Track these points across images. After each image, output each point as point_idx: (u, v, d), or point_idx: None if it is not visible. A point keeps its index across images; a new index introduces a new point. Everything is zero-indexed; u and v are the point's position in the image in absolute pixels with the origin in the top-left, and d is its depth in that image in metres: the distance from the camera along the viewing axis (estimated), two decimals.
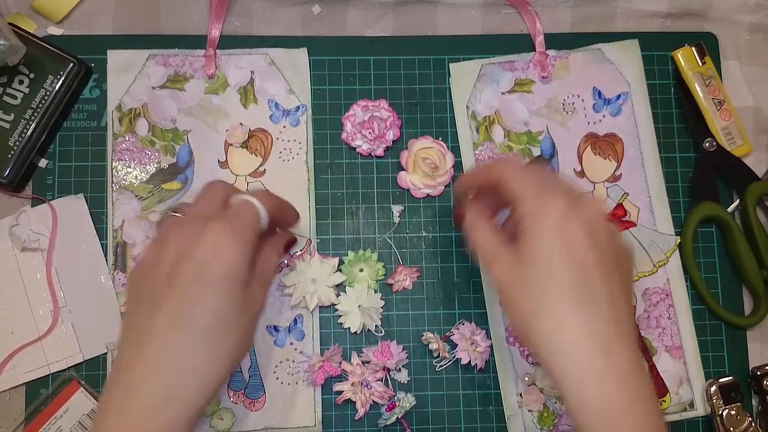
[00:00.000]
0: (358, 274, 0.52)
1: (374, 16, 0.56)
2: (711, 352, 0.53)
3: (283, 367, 0.51)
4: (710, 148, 0.55)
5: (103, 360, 0.50)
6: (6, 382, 0.49)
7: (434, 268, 0.53)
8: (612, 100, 0.55)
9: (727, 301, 0.54)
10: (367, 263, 0.52)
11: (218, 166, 0.53)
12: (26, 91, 0.51)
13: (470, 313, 0.53)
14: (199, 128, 0.53)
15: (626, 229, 0.54)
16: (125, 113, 0.53)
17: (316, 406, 0.51)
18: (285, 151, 0.54)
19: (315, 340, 0.51)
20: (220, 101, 0.54)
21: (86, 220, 0.52)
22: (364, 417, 0.51)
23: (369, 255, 0.52)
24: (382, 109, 0.54)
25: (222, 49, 0.54)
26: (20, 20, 0.53)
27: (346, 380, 0.51)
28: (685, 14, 0.57)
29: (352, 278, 0.52)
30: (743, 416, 0.51)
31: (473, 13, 0.56)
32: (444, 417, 0.52)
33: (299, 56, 0.54)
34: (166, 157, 0.53)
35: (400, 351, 0.51)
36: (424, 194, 0.54)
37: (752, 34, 0.57)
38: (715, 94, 0.55)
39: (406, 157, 0.53)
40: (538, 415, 0.51)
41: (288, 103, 0.54)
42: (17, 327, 0.50)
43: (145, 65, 0.53)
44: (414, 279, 0.53)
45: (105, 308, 0.51)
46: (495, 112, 0.55)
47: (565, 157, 0.55)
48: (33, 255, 0.51)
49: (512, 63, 0.55)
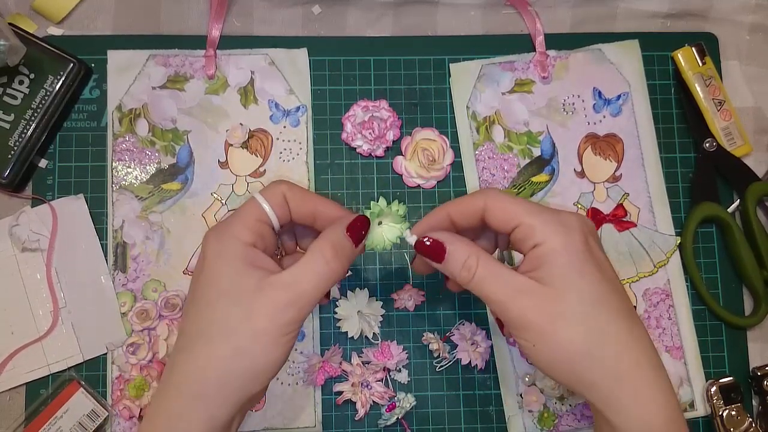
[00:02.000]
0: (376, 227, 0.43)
1: (374, 16, 0.56)
2: (711, 353, 0.53)
3: (284, 369, 0.51)
4: (710, 148, 0.55)
5: (103, 360, 0.50)
6: (6, 382, 0.49)
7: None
8: (612, 101, 0.55)
9: (728, 302, 0.54)
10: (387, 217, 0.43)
11: (218, 166, 0.53)
12: (26, 92, 0.51)
13: (470, 313, 0.53)
14: (200, 128, 0.53)
15: (626, 230, 0.54)
16: (125, 113, 0.53)
17: (316, 407, 0.51)
18: (285, 151, 0.54)
19: (315, 341, 0.51)
20: (221, 101, 0.54)
21: (86, 220, 0.52)
22: (364, 417, 0.51)
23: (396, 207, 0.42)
24: (382, 109, 0.54)
25: (222, 50, 0.54)
26: (20, 20, 0.53)
27: (347, 381, 0.51)
28: (685, 14, 0.57)
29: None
30: (743, 417, 0.51)
31: (473, 13, 0.56)
32: (444, 417, 0.52)
33: (299, 56, 0.54)
34: (166, 158, 0.53)
35: (400, 351, 0.51)
36: (415, 184, 0.54)
37: (752, 34, 0.57)
38: (715, 94, 0.55)
39: (407, 143, 0.54)
40: (538, 416, 0.51)
41: (288, 104, 0.54)
42: (17, 327, 0.50)
43: (146, 65, 0.53)
44: (418, 302, 0.52)
45: (105, 308, 0.51)
46: (495, 112, 0.55)
47: (565, 158, 0.55)
48: (33, 255, 0.51)
49: (512, 63, 0.55)
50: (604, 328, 0.36)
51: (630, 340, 0.36)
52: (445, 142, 0.54)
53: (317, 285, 0.36)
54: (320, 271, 0.37)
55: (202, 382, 0.35)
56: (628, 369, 0.36)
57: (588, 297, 0.36)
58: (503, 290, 0.37)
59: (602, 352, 0.36)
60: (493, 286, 0.37)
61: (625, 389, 0.36)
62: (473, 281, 0.38)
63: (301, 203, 0.40)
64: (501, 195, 0.39)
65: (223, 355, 0.35)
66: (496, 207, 0.39)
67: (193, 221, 0.52)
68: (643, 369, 0.36)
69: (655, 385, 0.36)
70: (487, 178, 0.54)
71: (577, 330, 0.36)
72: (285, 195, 0.40)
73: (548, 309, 0.36)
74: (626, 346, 0.36)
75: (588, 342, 0.36)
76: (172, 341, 0.50)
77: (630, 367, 0.36)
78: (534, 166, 0.54)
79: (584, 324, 0.36)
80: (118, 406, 0.49)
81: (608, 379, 0.36)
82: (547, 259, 0.36)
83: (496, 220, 0.39)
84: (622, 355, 0.36)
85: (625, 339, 0.36)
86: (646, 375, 0.36)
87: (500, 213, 0.38)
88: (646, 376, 0.36)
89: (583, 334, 0.36)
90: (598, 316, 0.36)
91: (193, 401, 0.35)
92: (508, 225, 0.38)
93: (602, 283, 0.36)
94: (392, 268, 0.53)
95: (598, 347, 0.36)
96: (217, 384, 0.35)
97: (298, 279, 0.36)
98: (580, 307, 0.36)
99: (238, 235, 0.37)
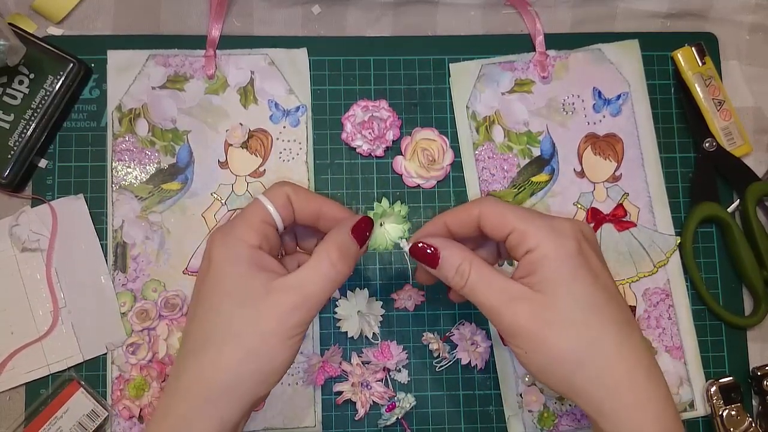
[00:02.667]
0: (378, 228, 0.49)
1: (374, 16, 0.56)
2: (711, 353, 0.53)
3: None
4: (710, 148, 0.55)
5: (103, 360, 0.50)
6: (6, 382, 0.49)
7: None
8: (612, 100, 0.55)
9: (727, 302, 0.54)
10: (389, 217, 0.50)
11: (218, 166, 0.53)
12: (26, 92, 0.51)
13: (470, 313, 0.53)
14: (199, 128, 0.53)
15: (626, 230, 0.54)
16: (125, 113, 0.53)
17: (315, 406, 0.51)
18: (285, 151, 0.54)
19: (315, 341, 0.51)
20: (220, 101, 0.54)
21: (86, 220, 0.52)
22: (364, 417, 0.51)
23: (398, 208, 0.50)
24: (382, 109, 0.54)
25: (222, 50, 0.54)
26: (20, 20, 0.53)
27: (346, 381, 0.51)
28: (685, 14, 0.57)
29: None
30: (743, 417, 0.51)
31: (473, 13, 0.56)
32: (444, 417, 0.52)
33: (299, 56, 0.54)
34: (166, 158, 0.53)
35: (400, 351, 0.51)
36: (415, 184, 0.54)
37: (752, 34, 0.57)
38: (715, 94, 0.55)
39: (407, 143, 0.54)
40: (538, 416, 0.51)
41: (288, 104, 0.54)
42: (17, 327, 0.50)
43: (145, 65, 0.53)
44: (418, 303, 0.52)
45: (105, 308, 0.51)
46: (495, 112, 0.55)
47: (565, 158, 0.55)
48: (33, 255, 0.51)
49: (512, 63, 0.55)
50: (596, 336, 0.35)
51: (624, 349, 0.36)
52: (444, 142, 0.54)
53: (324, 287, 0.37)
54: (327, 273, 0.37)
55: (212, 386, 0.35)
56: (620, 379, 0.35)
57: (580, 304, 0.36)
58: (496, 296, 0.37)
59: (594, 361, 0.35)
60: (485, 292, 0.37)
61: (618, 399, 0.35)
62: (466, 287, 0.38)
63: (306, 204, 0.40)
64: (496, 202, 0.39)
65: (232, 359, 0.35)
66: (490, 214, 0.39)
67: (193, 221, 0.52)
68: (638, 379, 0.36)
69: (649, 395, 0.35)
70: (486, 178, 0.54)
71: (568, 337, 0.35)
72: (289, 196, 0.40)
73: (540, 315, 0.36)
74: (619, 355, 0.35)
75: (579, 350, 0.35)
76: (172, 341, 0.50)
77: (623, 376, 0.35)
78: (534, 166, 0.54)
79: (576, 331, 0.35)
80: (118, 406, 0.49)
81: (600, 389, 0.35)
82: (540, 264, 0.36)
83: (491, 226, 0.39)
84: (615, 365, 0.35)
85: (618, 348, 0.36)
86: (640, 385, 0.35)
87: (494, 219, 0.38)
88: (641, 386, 0.36)
89: (575, 342, 0.35)
90: (590, 323, 0.36)
91: (203, 404, 0.35)
92: (502, 231, 0.38)
93: (596, 289, 0.36)
94: (392, 268, 0.53)
95: (589, 355, 0.35)
96: (226, 387, 0.35)
97: (305, 282, 0.36)
98: (571, 314, 0.36)
99: (243, 237, 0.37)
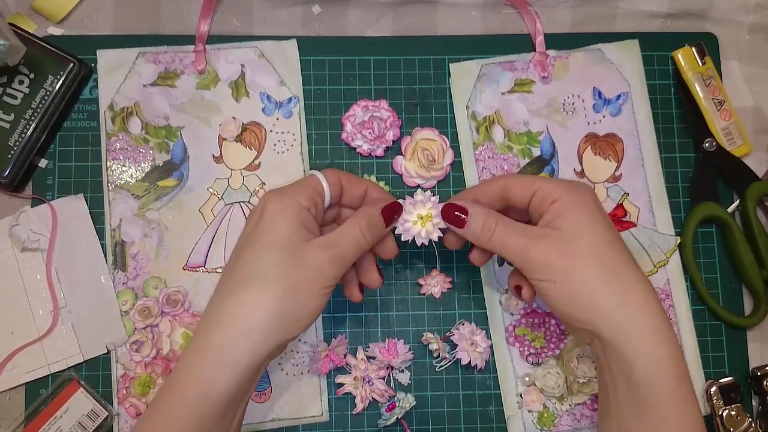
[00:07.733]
0: None
1: (374, 16, 0.56)
2: (711, 353, 0.53)
3: (288, 359, 0.51)
4: (710, 148, 0.55)
5: (103, 360, 0.50)
6: (6, 382, 0.49)
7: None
8: (612, 100, 0.55)
9: (727, 302, 0.54)
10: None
11: (213, 161, 0.53)
12: (26, 91, 0.51)
13: (470, 313, 0.53)
14: (192, 124, 0.53)
15: (626, 230, 0.54)
16: (117, 112, 0.53)
17: (321, 395, 0.51)
18: (279, 143, 0.54)
19: (318, 330, 0.52)
20: (212, 96, 0.54)
21: (86, 220, 0.52)
22: (362, 412, 0.51)
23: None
24: (382, 109, 0.54)
25: (211, 44, 0.54)
26: (20, 20, 0.53)
27: (349, 374, 0.51)
28: (685, 14, 0.57)
29: None
30: (743, 417, 0.51)
31: (473, 13, 0.56)
32: (444, 417, 0.52)
33: (288, 48, 0.54)
34: (160, 155, 0.53)
35: (407, 351, 0.51)
36: (415, 184, 0.54)
37: (752, 34, 0.57)
38: (715, 94, 0.55)
39: (407, 143, 0.54)
40: (537, 416, 0.51)
41: (280, 95, 0.54)
42: (17, 327, 0.50)
43: (135, 63, 0.53)
44: (444, 290, 0.53)
45: (105, 308, 0.51)
46: (495, 112, 0.55)
47: (565, 157, 0.55)
48: (33, 255, 0.51)
49: (512, 63, 0.55)
50: (616, 265, 0.40)
51: (638, 276, 0.40)
52: (444, 142, 0.54)
53: (354, 248, 0.42)
54: (357, 237, 0.42)
55: (249, 319, 0.39)
56: (638, 302, 0.39)
57: (600, 239, 0.41)
58: (523, 238, 0.42)
59: (616, 286, 0.40)
60: (513, 235, 0.42)
61: (637, 321, 0.39)
62: (494, 236, 0.42)
63: (355, 185, 0.45)
64: (520, 174, 0.46)
65: (274, 295, 0.39)
66: (516, 181, 0.44)
67: (191, 217, 0.52)
68: (652, 304, 0.40)
69: (662, 320, 0.39)
70: (487, 177, 0.54)
71: (593, 266, 0.40)
72: (340, 177, 0.45)
73: (566, 249, 0.40)
74: (636, 281, 0.40)
75: (603, 276, 0.40)
76: (176, 337, 0.50)
77: (639, 301, 0.39)
78: (534, 166, 0.54)
79: (599, 261, 0.40)
80: (125, 404, 0.49)
81: (622, 311, 0.39)
82: (565, 210, 0.41)
83: (518, 190, 0.43)
84: (634, 289, 0.40)
85: (634, 275, 0.40)
86: (654, 310, 0.39)
87: (520, 185, 0.43)
88: (654, 310, 0.39)
89: (599, 269, 0.40)
90: (610, 254, 0.40)
91: (239, 336, 0.38)
92: (527, 193, 0.43)
93: (611, 231, 0.41)
94: (422, 252, 0.53)
95: (612, 280, 0.40)
96: (263, 321, 0.39)
97: (340, 241, 0.42)
98: (593, 247, 0.40)
99: (296, 197, 0.42)
